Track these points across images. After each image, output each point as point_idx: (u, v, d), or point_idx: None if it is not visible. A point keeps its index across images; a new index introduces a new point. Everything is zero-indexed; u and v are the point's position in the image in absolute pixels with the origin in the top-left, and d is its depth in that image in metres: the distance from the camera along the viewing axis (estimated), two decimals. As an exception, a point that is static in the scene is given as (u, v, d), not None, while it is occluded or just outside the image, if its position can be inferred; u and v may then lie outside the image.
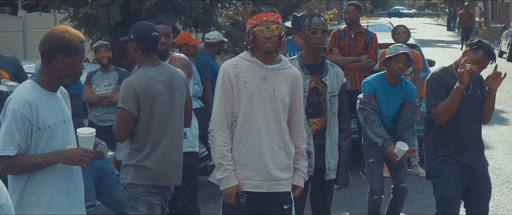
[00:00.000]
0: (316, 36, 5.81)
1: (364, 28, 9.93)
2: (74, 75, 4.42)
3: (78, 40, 4.36)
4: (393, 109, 7.03)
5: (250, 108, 4.99)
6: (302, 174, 5.25)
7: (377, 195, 7.14)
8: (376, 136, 6.79)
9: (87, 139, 4.39)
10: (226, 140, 5.02)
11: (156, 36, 5.46)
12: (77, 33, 4.41)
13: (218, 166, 5.04)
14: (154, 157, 5.37)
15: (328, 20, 26.30)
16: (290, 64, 5.19)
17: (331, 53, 9.77)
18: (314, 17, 5.90)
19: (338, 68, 6.07)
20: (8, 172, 4.34)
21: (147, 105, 5.31)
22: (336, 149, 5.98)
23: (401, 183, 7.17)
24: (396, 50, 6.92)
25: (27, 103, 4.21)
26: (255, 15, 5.02)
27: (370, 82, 7.05)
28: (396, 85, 7.02)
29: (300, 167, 5.23)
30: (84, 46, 4.47)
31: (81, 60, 4.40)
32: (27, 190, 4.31)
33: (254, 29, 4.98)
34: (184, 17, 13.27)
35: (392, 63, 6.93)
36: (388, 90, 6.98)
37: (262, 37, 4.95)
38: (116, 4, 11.91)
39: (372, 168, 7.16)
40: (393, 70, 6.93)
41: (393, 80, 7.00)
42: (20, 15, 17.97)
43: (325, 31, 5.85)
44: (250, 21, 5.03)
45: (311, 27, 5.83)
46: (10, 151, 4.18)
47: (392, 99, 6.98)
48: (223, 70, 5.06)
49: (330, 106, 5.89)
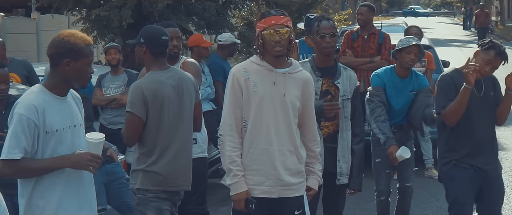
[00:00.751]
0: (324, 41, 5.75)
1: (377, 29, 9.83)
2: (82, 79, 4.38)
3: (84, 44, 4.32)
4: (403, 102, 6.91)
5: (260, 112, 4.93)
6: (317, 177, 5.20)
7: (383, 196, 7.09)
8: (380, 132, 6.69)
9: (95, 144, 4.36)
10: (236, 145, 4.96)
11: (166, 40, 5.42)
12: (84, 37, 4.37)
13: (228, 172, 4.98)
14: (163, 162, 5.31)
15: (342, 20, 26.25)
16: (300, 68, 5.12)
17: (344, 55, 9.68)
18: (323, 20, 5.82)
19: (351, 72, 6.00)
20: (15, 175, 4.34)
21: (156, 109, 5.26)
22: (349, 153, 5.91)
23: (406, 183, 7.11)
24: (408, 41, 6.81)
25: (33, 107, 4.20)
26: (264, 19, 4.96)
27: (379, 75, 6.95)
28: (406, 78, 6.90)
29: (315, 170, 5.19)
30: (91, 50, 4.42)
31: (88, 64, 4.35)
32: (35, 194, 4.31)
33: (263, 32, 4.92)
34: (197, 18, 13.23)
35: (403, 55, 6.81)
36: (398, 83, 6.87)
37: (271, 41, 4.89)
38: (128, 6, 11.89)
39: (378, 168, 7.09)
40: (404, 62, 6.81)
41: (404, 73, 6.89)
42: (34, 17, 17.98)
43: (334, 35, 5.78)
44: (259, 24, 4.97)
45: (319, 31, 5.77)
46: (15, 154, 4.18)
47: (402, 92, 6.86)
48: (232, 74, 5.01)
49: (342, 110, 5.82)
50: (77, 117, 4.47)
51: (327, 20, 5.85)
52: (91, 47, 4.43)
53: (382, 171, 7.06)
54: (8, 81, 5.93)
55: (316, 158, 5.20)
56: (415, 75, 6.98)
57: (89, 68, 4.38)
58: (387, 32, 9.92)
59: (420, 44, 6.83)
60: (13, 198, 5.64)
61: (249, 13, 21.45)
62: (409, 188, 7.12)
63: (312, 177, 5.18)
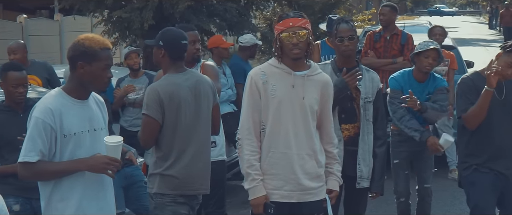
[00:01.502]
0: (343, 44, 5.68)
1: (400, 29, 9.72)
2: (97, 83, 4.34)
3: (99, 47, 4.29)
4: None
5: (278, 116, 4.86)
6: (336, 178, 5.13)
7: (402, 197, 7.01)
8: (411, 130, 6.62)
9: (113, 147, 4.30)
10: (254, 149, 4.90)
11: (186, 45, 5.37)
12: (100, 40, 4.34)
13: (246, 176, 4.93)
14: (180, 165, 5.26)
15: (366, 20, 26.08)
16: (319, 70, 5.04)
17: (366, 56, 9.59)
18: (341, 23, 5.75)
19: (374, 74, 5.92)
20: (32, 178, 4.35)
21: (172, 112, 5.21)
22: (370, 156, 5.83)
23: (425, 184, 7.03)
24: (426, 45, 6.70)
25: (50, 110, 4.21)
26: (282, 21, 4.89)
27: (396, 78, 6.85)
28: (424, 82, 6.80)
29: (334, 171, 5.11)
30: (107, 54, 4.35)
31: (103, 68, 4.30)
32: (54, 196, 4.31)
33: (281, 35, 4.85)
34: (218, 19, 13.19)
35: (421, 59, 6.70)
36: (415, 87, 6.75)
37: (289, 43, 4.82)
38: (149, 8, 11.88)
39: (397, 170, 7.01)
40: (422, 66, 6.70)
41: (421, 77, 6.78)
42: (57, 18, 18.03)
43: (352, 38, 5.69)
44: (277, 27, 4.90)
45: (337, 34, 5.70)
46: (32, 157, 4.19)
47: (419, 96, 6.72)
48: (250, 77, 4.95)
49: (364, 113, 5.76)
50: (99, 121, 4.45)
51: (345, 22, 5.76)
52: (107, 52, 4.35)
53: (400, 172, 6.99)
54: (26, 84, 5.91)
55: (334, 158, 5.14)
56: (433, 78, 6.86)
57: (106, 73, 4.32)
58: (409, 33, 9.80)
59: (439, 49, 6.72)
60: (32, 202, 5.67)
61: (272, 14, 21.35)
62: (427, 189, 7.03)
63: (332, 179, 5.11)
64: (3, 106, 5.92)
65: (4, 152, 5.77)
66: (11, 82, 5.82)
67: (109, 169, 4.27)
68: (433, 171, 7.14)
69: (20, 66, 6.05)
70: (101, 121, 4.49)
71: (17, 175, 5.17)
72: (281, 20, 4.90)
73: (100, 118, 4.48)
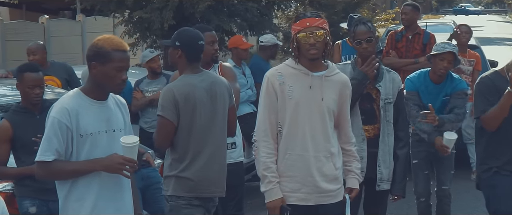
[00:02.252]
0: (360, 47, 5.60)
1: (422, 29, 9.61)
2: (111, 84, 4.31)
3: (111, 48, 4.28)
4: (437, 106, 6.69)
5: (295, 117, 4.78)
6: (356, 175, 5.04)
7: (423, 198, 6.92)
8: (421, 132, 6.57)
9: (129, 148, 4.28)
10: (271, 151, 4.83)
11: (203, 45, 5.31)
12: (115, 42, 4.33)
13: (262, 178, 4.85)
14: (196, 168, 5.19)
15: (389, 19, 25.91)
16: (337, 71, 4.96)
17: (387, 56, 9.49)
18: (358, 25, 5.65)
19: (395, 74, 5.82)
20: (48, 177, 4.38)
21: (187, 113, 5.14)
22: (390, 158, 5.74)
23: (443, 186, 6.94)
24: (442, 48, 6.60)
25: (66, 110, 4.23)
26: (299, 21, 4.82)
27: (412, 80, 6.77)
28: (440, 83, 6.70)
29: (352, 169, 5.03)
30: (121, 55, 4.31)
31: (116, 69, 4.27)
32: (70, 196, 4.32)
33: (298, 35, 4.78)
34: (239, 19, 13.12)
35: (436, 61, 6.62)
36: (431, 89, 6.67)
37: (306, 44, 4.74)
38: (169, 8, 11.84)
39: (416, 170, 6.93)
40: (437, 68, 6.62)
41: (437, 78, 6.69)
42: (79, 19, 18.06)
43: (370, 40, 5.60)
44: (294, 27, 4.84)
45: (355, 37, 5.62)
46: (48, 156, 4.21)
47: (436, 98, 6.65)
48: (267, 78, 4.88)
49: (384, 114, 5.67)
50: (117, 122, 4.44)
51: (363, 24, 5.66)
52: (120, 53, 4.30)
53: (420, 173, 6.92)
54: (43, 85, 5.89)
55: (353, 156, 5.05)
56: (451, 79, 6.75)
57: (120, 74, 4.30)
58: (432, 32, 9.67)
59: (455, 52, 6.61)
60: (48, 204, 5.66)
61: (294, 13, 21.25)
62: (445, 191, 6.94)
63: (351, 177, 5.02)
64: (19, 107, 5.90)
65: (20, 154, 5.75)
66: (27, 83, 5.80)
67: (125, 169, 4.26)
68: (452, 172, 7.04)
69: (37, 67, 6.02)
70: (120, 122, 4.48)
71: (33, 177, 5.27)
72: (298, 20, 4.84)
73: (119, 119, 4.47)
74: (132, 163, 4.28)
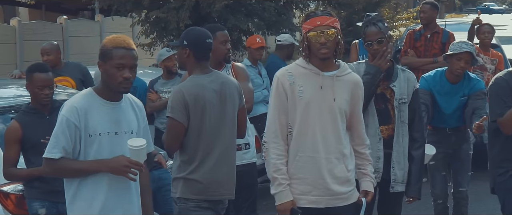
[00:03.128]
0: (371, 48, 5.47)
1: (441, 27, 9.47)
2: (112, 82, 4.30)
3: (112, 46, 4.29)
4: (453, 106, 6.59)
5: (306, 118, 4.67)
6: (370, 178, 4.91)
7: (440, 199, 6.82)
8: None
9: (136, 151, 4.26)
10: (281, 153, 4.72)
11: (211, 43, 5.21)
12: (117, 40, 4.33)
13: (272, 180, 4.74)
14: (205, 169, 5.10)
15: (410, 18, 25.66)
16: (349, 70, 4.84)
17: (405, 55, 9.36)
18: (369, 26, 5.52)
19: (410, 74, 5.69)
20: (54, 174, 4.43)
21: (197, 114, 5.05)
22: (405, 159, 5.60)
23: (460, 187, 6.83)
24: (459, 47, 6.47)
25: (74, 109, 4.25)
26: (309, 20, 4.69)
27: (427, 79, 6.65)
28: (456, 83, 6.56)
29: (367, 172, 4.91)
30: (121, 53, 4.29)
31: (116, 67, 4.26)
32: (78, 195, 4.33)
33: (308, 34, 4.66)
34: (257, 19, 13.01)
35: (453, 61, 6.48)
36: (447, 89, 6.54)
37: (317, 43, 4.63)
38: (186, 7, 11.75)
39: (433, 171, 6.82)
40: (453, 68, 6.49)
41: (453, 78, 6.55)
42: (97, 19, 18.04)
43: (381, 41, 5.46)
44: (305, 26, 4.71)
45: (365, 39, 5.50)
46: (54, 154, 4.25)
47: (452, 98, 6.52)
48: (277, 78, 4.77)
49: (398, 114, 5.53)
50: (129, 124, 4.41)
51: (373, 24, 5.51)
52: (122, 51, 4.29)
53: (437, 174, 6.82)
54: (52, 86, 5.83)
55: (367, 159, 4.93)
56: (468, 79, 6.61)
57: (120, 72, 4.27)
58: (453, 31, 9.52)
59: (472, 52, 6.47)
60: (58, 206, 5.60)
61: (319, 12, 21.03)
62: (462, 193, 6.83)
63: (366, 180, 4.90)
64: (29, 108, 5.85)
65: (30, 155, 5.70)
66: (36, 83, 5.75)
67: (130, 172, 4.25)
68: (469, 174, 6.91)
69: (46, 67, 5.97)
70: (133, 125, 4.44)
71: (43, 179, 5.25)
72: (308, 19, 4.72)
73: (132, 121, 4.44)
74: (138, 166, 4.27)
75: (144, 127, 4.54)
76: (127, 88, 4.37)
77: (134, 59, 4.35)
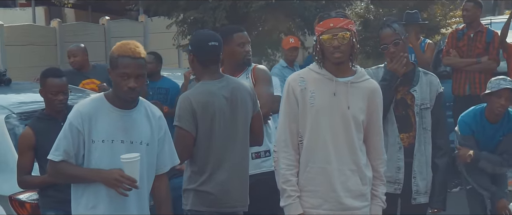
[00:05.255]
0: (388, 51, 5.15)
1: (485, 26, 9.09)
2: (117, 90, 4.26)
3: (119, 54, 4.22)
4: (492, 146, 6.20)
5: (317, 126, 4.38)
6: (380, 202, 4.56)
7: None
8: (480, 188, 6.12)
9: (127, 163, 4.15)
10: (291, 163, 4.44)
11: (215, 46, 4.91)
12: (123, 47, 4.25)
13: (282, 192, 4.48)
14: (216, 181, 4.86)
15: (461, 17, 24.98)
16: (367, 77, 4.51)
17: (448, 55, 9.02)
18: (383, 28, 5.23)
19: (433, 77, 5.35)
20: (55, 176, 4.43)
21: (206, 122, 4.81)
22: (428, 169, 5.27)
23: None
24: (498, 84, 6.06)
25: (79, 113, 4.24)
26: (322, 22, 4.40)
27: (467, 122, 6.19)
28: (497, 122, 6.15)
29: (378, 194, 4.55)
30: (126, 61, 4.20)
31: (121, 76, 4.20)
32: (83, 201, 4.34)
33: (321, 37, 4.37)
34: (297, 18, 12.71)
35: (493, 99, 6.06)
36: (488, 129, 6.15)
37: (330, 46, 4.33)
38: (222, 8, 11.52)
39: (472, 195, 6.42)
40: (493, 107, 6.06)
41: (494, 117, 6.14)
42: (141, 20, 17.94)
43: (397, 43, 5.15)
44: (317, 28, 4.43)
45: (380, 42, 5.20)
46: (56, 156, 4.28)
47: (491, 138, 6.15)
48: (288, 83, 4.49)
49: (420, 121, 5.21)
50: (140, 134, 4.31)
51: (388, 26, 5.22)
52: (128, 59, 4.20)
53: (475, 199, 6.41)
54: (67, 91, 5.67)
55: (380, 178, 4.57)
56: (508, 117, 6.19)
57: (125, 81, 4.20)
58: (496, 30, 9.11)
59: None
60: (68, 214, 5.42)
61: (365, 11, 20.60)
62: None
63: (375, 203, 4.54)
64: (43, 114, 5.70)
65: (43, 162, 5.51)
66: (50, 89, 5.61)
67: (121, 186, 4.16)
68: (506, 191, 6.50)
69: (60, 72, 5.81)
70: (145, 135, 4.33)
71: (57, 187, 5.20)
72: (321, 21, 4.42)
73: (144, 132, 4.32)
74: (130, 181, 4.15)
75: (161, 138, 4.40)
76: (133, 98, 4.28)
77: (140, 68, 4.24)
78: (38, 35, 14.40)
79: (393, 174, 5.16)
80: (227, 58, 5.63)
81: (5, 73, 7.40)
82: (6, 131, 6.11)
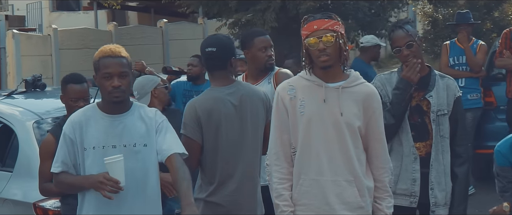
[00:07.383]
0: (401, 55, 4.85)
1: (543, 25, 8.68)
2: (102, 93, 4.24)
3: (99, 56, 4.22)
4: None
5: (308, 136, 4.11)
6: None
7: None
8: None
9: (110, 164, 4.06)
10: (283, 176, 4.18)
11: (211, 53, 4.73)
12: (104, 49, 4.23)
13: (275, 207, 4.22)
14: (225, 191, 4.67)
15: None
16: (361, 80, 4.21)
17: (501, 57, 8.62)
18: (395, 30, 4.90)
19: (450, 80, 5.01)
20: (58, 187, 4.49)
21: (211, 130, 4.63)
22: (447, 179, 4.95)
23: None
24: None
25: (70, 122, 4.28)
26: (306, 25, 4.13)
27: (503, 153, 5.64)
28: None
29: (382, 208, 4.22)
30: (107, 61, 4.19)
31: (103, 76, 4.18)
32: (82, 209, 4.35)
33: (306, 41, 4.10)
34: (349, 20, 12.45)
35: None
36: None
37: (315, 50, 4.06)
38: (272, 9, 11.34)
39: None
40: None
41: None
42: (200, 22, 17.90)
43: (411, 45, 4.82)
44: (302, 32, 4.15)
45: (392, 44, 4.88)
46: (55, 168, 4.31)
47: None
48: (277, 93, 4.24)
49: (436, 128, 4.87)
50: (134, 137, 4.24)
51: (400, 28, 4.88)
52: (108, 59, 4.19)
53: None
54: (87, 98, 5.55)
55: (385, 190, 4.24)
56: None
57: (108, 82, 4.17)
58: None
59: None
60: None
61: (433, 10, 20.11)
62: None
63: None
64: (64, 121, 5.59)
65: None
66: (70, 95, 5.50)
67: (105, 188, 4.06)
68: None
69: (81, 78, 5.69)
70: (140, 137, 4.25)
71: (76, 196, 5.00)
72: (305, 24, 4.15)
73: (138, 134, 4.25)
74: (113, 182, 4.04)
75: (159, 128, 4.28)
76: (119, 97, 4.20)
77: (121, 67, 4.19)
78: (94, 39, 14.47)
79: (409, 187, 4.86)
80: (250, 63, 5.53)
81: (40, 78, 7.38)
82: (33, 137, 6.09)
